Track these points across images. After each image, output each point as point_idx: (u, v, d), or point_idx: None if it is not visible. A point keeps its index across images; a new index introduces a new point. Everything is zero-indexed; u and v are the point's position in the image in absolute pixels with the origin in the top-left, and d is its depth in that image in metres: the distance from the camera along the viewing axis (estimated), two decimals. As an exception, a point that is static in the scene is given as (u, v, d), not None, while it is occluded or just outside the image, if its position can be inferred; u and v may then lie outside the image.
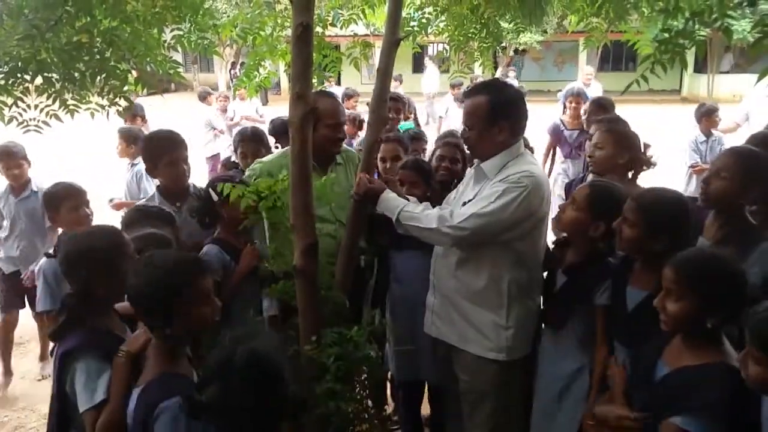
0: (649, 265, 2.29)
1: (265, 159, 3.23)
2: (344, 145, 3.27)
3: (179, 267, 1.95)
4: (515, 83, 13.71)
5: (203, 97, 9.55)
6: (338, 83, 12.32)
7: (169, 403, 1.82)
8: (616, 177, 3.07)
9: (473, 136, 2.61)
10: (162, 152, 3.27)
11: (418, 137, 4.42)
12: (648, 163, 3.24)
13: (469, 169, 2.88)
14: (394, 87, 10.46)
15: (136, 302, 1.96)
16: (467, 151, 3.09)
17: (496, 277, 2.57)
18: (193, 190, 3.34)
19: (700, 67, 23.70)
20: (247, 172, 3.17)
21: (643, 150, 3.24)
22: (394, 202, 2.62)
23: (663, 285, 1.94)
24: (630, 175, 3.21)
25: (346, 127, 3.30)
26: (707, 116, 6.24)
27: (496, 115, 2.54)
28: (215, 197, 2.92)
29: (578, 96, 6.48)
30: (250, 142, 4.01)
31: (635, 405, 2.05)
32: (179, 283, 1.91)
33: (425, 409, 3.62)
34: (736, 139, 6.51)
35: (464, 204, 2.58)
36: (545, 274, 2.77)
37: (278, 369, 1.75)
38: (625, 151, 3.12)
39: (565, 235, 2.73)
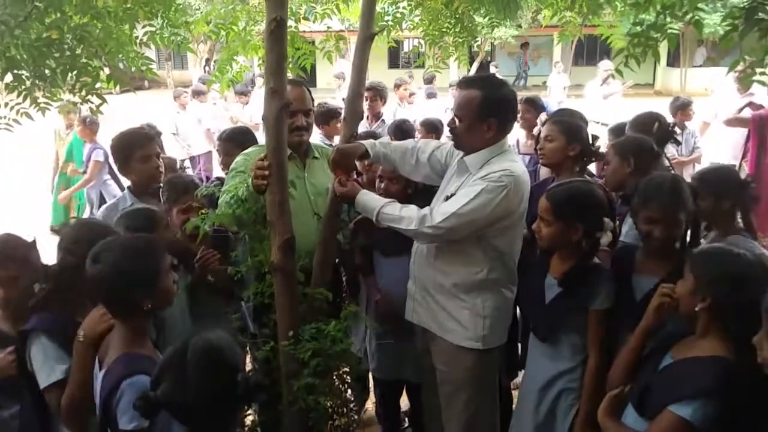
0: (656, 252, 2.37)
1: (249, 150, 3.14)
2: (320, 142, 3.23)
3: (148, 247, 2.00)
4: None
5: (198, 94, 9.50)
6: (312, 80, 12.21)
7: (132, 380, 1.82)
8: (566, 169, 3.07)
9: (461, 128, 2.59)
10: (134, 147, 3.15)
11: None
12: (598, 156, 3.22)
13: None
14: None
15: (106, 287, 1.94)
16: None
17: (473, 269, 2.58)
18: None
19: (673, 61, 24.02)
20: (232, 165, 3.09)
21: (591, 142, 3.17)
22: (370, 203, 2.59)
23: None
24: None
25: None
26: (682, 110, 6.38)
27: (487, 112, 2.53)
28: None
29: (530, 104, 5.23)
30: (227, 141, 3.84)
31: (634, 398, 2.03)
32: (151, 262, 1.96)
33: (404, 403, 3.64)
34: (707, 138, 6.63)
35: (447, 198, 2.58)
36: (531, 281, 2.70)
37: (230, 356, 1.76)
38: (576, 143, 3.09)
39: None
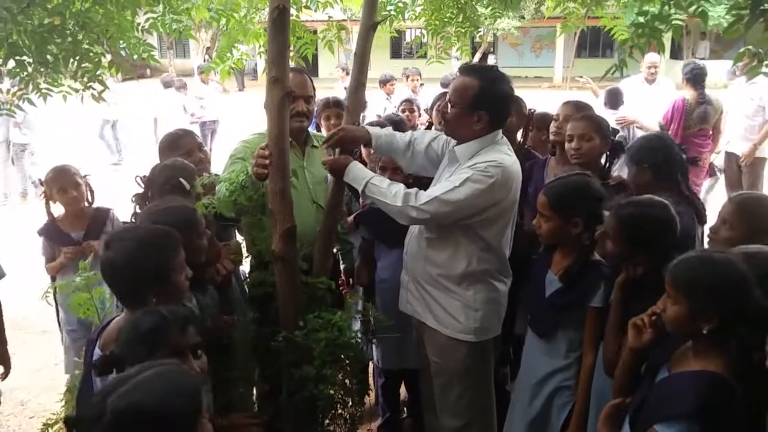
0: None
1: (248, 137, 3.08)
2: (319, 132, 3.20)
3: (163, 242, 1.98)
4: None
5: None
6: (315, 70, 12.19)
7: None
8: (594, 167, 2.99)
9: (452, 114, 2.57)
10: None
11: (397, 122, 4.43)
12: (617, 150, 3.16)
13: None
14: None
15: (114, 276, 1.93)
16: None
17: (461, 260, 2.58)
18: None
19: (677, 54, 23.94)
20: (231, 152, 3.08)
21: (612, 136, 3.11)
22: (360, 173, 2.58)
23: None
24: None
25: None
26: (610, 99, 6.68)
27: (479, 104, 2.50)
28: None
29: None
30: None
31: (630, 412, 1.94)
32: (163, 257, 1.95)
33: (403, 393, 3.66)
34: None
35: None
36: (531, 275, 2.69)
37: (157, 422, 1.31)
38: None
39: None
